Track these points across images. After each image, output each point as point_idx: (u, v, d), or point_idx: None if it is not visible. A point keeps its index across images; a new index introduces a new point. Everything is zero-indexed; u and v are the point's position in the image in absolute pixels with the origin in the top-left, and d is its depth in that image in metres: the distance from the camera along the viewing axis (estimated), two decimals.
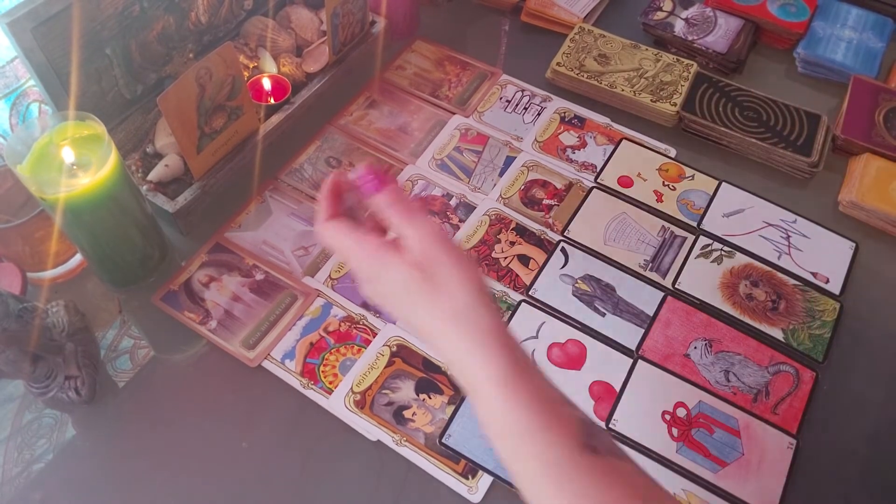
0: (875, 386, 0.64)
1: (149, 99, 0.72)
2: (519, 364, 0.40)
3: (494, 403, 0.39)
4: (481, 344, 0.40)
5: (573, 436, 0.38)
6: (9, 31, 0.56)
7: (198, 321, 0.65)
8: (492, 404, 0.40)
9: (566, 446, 0.38)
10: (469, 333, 0.40)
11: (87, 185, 0.54)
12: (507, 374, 0.39)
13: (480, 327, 0.40)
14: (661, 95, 0.80)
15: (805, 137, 0.77)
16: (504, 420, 0.39)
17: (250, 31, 0.80)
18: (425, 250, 0.41)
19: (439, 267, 0.41)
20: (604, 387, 0.62)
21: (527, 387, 0.39)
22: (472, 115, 0.81)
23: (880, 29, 0.88)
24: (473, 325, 0.40)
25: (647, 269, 0.69)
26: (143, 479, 0.57)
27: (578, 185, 0.75)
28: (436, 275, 0.41)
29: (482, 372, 0.40)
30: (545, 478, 0.38)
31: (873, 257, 0.71)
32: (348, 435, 0.59)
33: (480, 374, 0.40)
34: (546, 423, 0.38)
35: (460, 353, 0.40)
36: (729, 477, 0.57)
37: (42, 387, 0.58)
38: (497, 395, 0.39)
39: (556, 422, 0.39)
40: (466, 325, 0.40)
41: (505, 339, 0.40)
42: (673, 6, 0.90)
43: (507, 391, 0.39)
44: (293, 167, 0.76)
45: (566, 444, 0.38)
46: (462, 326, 0.40)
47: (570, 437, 0.38)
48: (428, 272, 0.41)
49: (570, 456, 0.38)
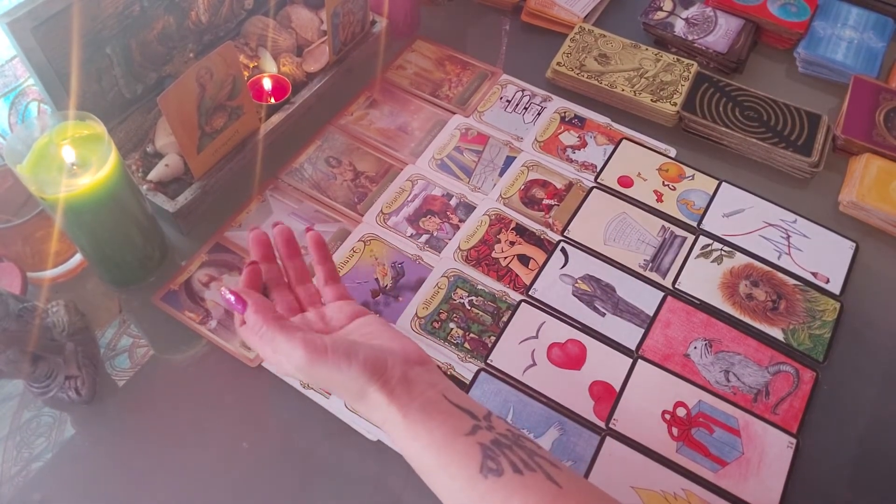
0: (875, 386, 0.64)
1: (149, 98, 0.72)
2: (419, 402, 0.44)
3: (399, 444, 0.45)
4: (390, 391, 0.45)
5: (472, 465, 0.42)
6: (9, 30, 0.56)
7: (198, 321, 0.65)
8: (398, 445, 0.45)
9: (465, 478, 0.42)
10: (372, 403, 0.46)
11: (87, 185, 0.54)
12: (405, 418, 0.44)
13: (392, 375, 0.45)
14: (662, 95, 0.80)
15: (805, 137, 0.77)
16: (411, 460, 0.44)
17: (251, 31, 0.80)
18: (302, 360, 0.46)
19: (328, 372, 0.46)
20: (604, 387, 0.62)
21: (425, 426, 0.43)
22: (473, 114, 0.81)
23: (881, 29, 0.88)
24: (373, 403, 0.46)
25: (647, 269, 0.69)
26: (143, 479, 0.57)
27: (578, 185, 0.75)
28: (330, 378, 0.46)
29: (380, 415, 0.45)
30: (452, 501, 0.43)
31: (873, 257, 0.71)
32: (348, 435, 0.59)
33: (379, 417, 0.45)
34: (444, 461, 0.42)
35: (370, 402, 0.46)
36: (729, 476, 0.57)
37: (42, 387, 0.58)
38: (398, 438, 0.44)
39: (455, 457, 0.42)
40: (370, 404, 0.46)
41: (410, 382, 0.45)
42: (673, 6, 0.90)
43: (406, 435, 0.44)
44: (293, 167, 0.76)
45: (465, 476, 0.42)
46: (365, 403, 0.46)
47: (468, 468, 0.42)
48: (329, 376, 0.46)
49: (470, 486, 0.41)
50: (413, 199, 0.74)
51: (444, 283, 0.67)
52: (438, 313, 0.66)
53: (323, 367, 0.44)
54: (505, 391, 0.61)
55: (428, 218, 0.72)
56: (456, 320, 0.65)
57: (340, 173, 0.75)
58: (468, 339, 0.64)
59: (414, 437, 0.43)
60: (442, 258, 0.69)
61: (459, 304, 0.66)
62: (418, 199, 0.74)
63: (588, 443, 0.59)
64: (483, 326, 0.65)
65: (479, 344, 0.64)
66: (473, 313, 0.66)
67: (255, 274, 0.53)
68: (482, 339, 0.64)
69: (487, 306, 0.66)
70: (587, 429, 0.59)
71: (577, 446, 0.58)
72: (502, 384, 0.62)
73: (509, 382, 0.62)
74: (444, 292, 0.67)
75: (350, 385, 0.45)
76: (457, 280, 0.68)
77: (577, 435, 0.59)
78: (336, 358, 0.44)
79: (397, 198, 0.74)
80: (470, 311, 0.66)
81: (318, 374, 0.45)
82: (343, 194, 0.74)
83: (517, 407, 0.60)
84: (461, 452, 0.42)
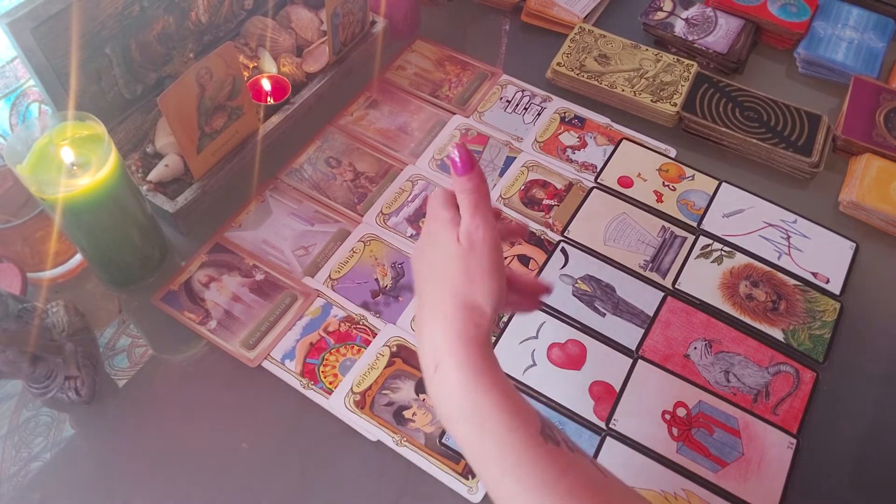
0: (875, 386, 0.64)
1: (149, 99, 0.72)
2: (491, 363, 0.42)
3: (463, 385, 0.41)
4: (467, 338, 0.42)
5: (533, 424, 0.40)
6: (9, 31, 0.56)
7: (198, 321, 0.65)
8: (459, 386, 0.41)
9: (526, 432, 0.40)
10: (465, 324, 0.43)
11: (87, 185, 0.54)
12: (478, 366, 0.41)
13: (477, 326, 0.43)
14: (662, 95, 0.80)
15: (805, 138, 0.77)
16: (466, 402, 0.41)
17: (250, 31, 0.80)
18: (479, 245, 0.44)
19: (481, 267, 0.44)
20: (604, 387, 0.62)
21: (493, 380, 0.41)
22: (473, 115, 0.81)
23: (881, 29, 0.88)
24: (474, 323, 0.43)
25: (647, 269, 0.69)
26: (142, 479, 0.57)
27: (578, 185, 0.75)
28: (476, 269, 0.44)
29: (452, 357, 0.42)
30: (504, 461, 0.39)
31: (873, 257, 0.71)
32: (348, 435, 0.59)
33: (451, 358, 0.42)
34: (508, 408, 0.40)
35: (449, 335, 0.43)
36: (729, 477, 0.57)
37: (42, 387, 0.58)
38: (466, 378, 0.41)
39: (517, 410, 0.40)
40: (467, 318, 0.43)
41: (487, 348, 0.43)
42: (673, 6, 0.90)
43: (475, 378, 0.41)
44: (293, 167, 0.76)
45: (526, 430, 0.40)
46: (463, 315, 0.43)
47: (529, 425, 0.40)
48: (471, 263, 0.44)
49: (529, 442, 0.39)
50: (413, 199, 0.74)
51: None
52: None
53: (499, 260, 0.45)
54: None
55: None
56: None
57: (340, 174, 0.75)
58: None
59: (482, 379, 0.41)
60: None
61: None
62: (418, 199, 0.74)
63: (588, 443, 0.59)
64: None
65: None
66: None
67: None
68: None
69: None
70: (587, 429, 0.59)
71: None
72: None
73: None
74: None
75: (477, 305, 0.44)
76: None
77: (577, 435, 0.59)
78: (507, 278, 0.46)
79: (397, 198, 0.74)
80: None
81: (481, 259, 0.44)
82: (343, 195, 0.74)
83: None
84: (525, 409, 0.41)
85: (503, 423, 0.40)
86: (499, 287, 0.45)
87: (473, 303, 0.44)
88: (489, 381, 0.41)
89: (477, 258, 0.44)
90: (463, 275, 0.44)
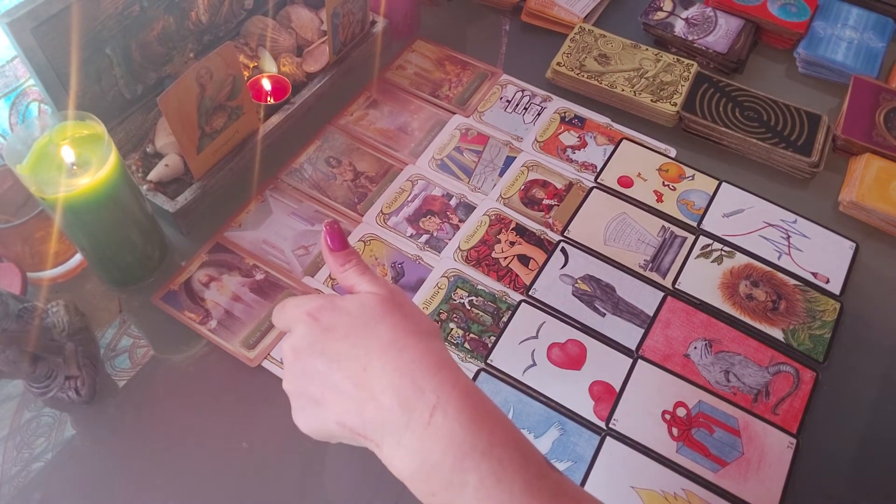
0: (875, 386, 0.64)
1: (149, 99, 0.72)
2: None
3: (462, 417, 0.37)
4: (446, 362, 0.39)
5: (535, 457, 0.38)
6: (9, 30, 0.56)
7: (198, 321, 0.65)
8: (458, 419, 0.37)
9: (534, 463, 0.37)
10: (433, 350, 0.40)
11: (87, 185, 0.54)
12: (473, 389, 0.39)
13: (442, 351, 0.41)
14: (662, 95, 0.80)
15: (805, 137, 0.77)
16: (466, 436, 0.37)
17: (251, 31, 0.80)
18: (392, 291, 0.43)
19: (407, 305, 0.42)
20: (604, 387, 0.62)
21: (490, 407, 0.39)
22: (473, 114, 0.81)
23: (881, 29, 0.88)
24: (437, 347, 0.40)
25: (647, 269, 0.69)
26: (143, 479, 0.57)
27: (578, 185, 0.75)
28: (404, 305, 0.42)
29: (447, 387, 0.38)
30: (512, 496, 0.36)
31: (873, 257, 0.71)
32: None
33: (444, 388, 0.38)
34: (511, 439, 0.38)
35: (422, 366, 0.39)
36: (729, 476, 0.57)
37: (42, 387, 0.58)
38: (465, 407, 0.38)
39: (516, 441, 0.38)
40: (430, 344, 0.40)
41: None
42: (673, 6, 0.90)
43: (474, 409, 0.38)
44: (293, 167, 0.76)
45: (533, 462, 0.37)
46: (426, 343, 0.40)
47: (534, 456, 0.38)
48: (396, 302, 0.42)
49: (535, 475, 0.37)
50: (413, 199, 0.74)
51: (444, 284, 0.67)
52: (438, 313, 0.66)
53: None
54: (505, 391, 0.61)
55: (428, 218, 0.72)
56: (456, 320, 0.65)
57: (340, 173, 0.75)
58: (468, 339, 0.64)
59: (483, 410, 0.39)
60: (442, 258, 0.69)
61: (459, 304, 0.66)
62: (418, 199, 0.74)
63: (588, 443, 0.59)
64: (483, 326, 0.65)
65: (480, 344, 0.64)
66: (473, 313, 0.66)
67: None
68: (482, 340, 0.64)
69: (487, 306, 0.66)
70: (587, 429, 0.59)
71: (577, 446, 0.58)
72: (502, 384, 0.62)
73: (509, 382, 0.62)
74: (444, 292, 0.67)
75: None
76: (457, 280, 0.68)
77: (577, 435, 0.59)
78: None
79: (397, 198, 0.74)
80: (470, 311, 0.66)
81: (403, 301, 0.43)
82: (343, 194, 0.74)
83: (517, 407, 0.60)
84: (524, 442, 0.39)
85: (521, 453, 0.38)
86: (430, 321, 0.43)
87: (431, 332, 0.42)
88: (492, 412, 0.39)
89: (399, 300, 0.42)
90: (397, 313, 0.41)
